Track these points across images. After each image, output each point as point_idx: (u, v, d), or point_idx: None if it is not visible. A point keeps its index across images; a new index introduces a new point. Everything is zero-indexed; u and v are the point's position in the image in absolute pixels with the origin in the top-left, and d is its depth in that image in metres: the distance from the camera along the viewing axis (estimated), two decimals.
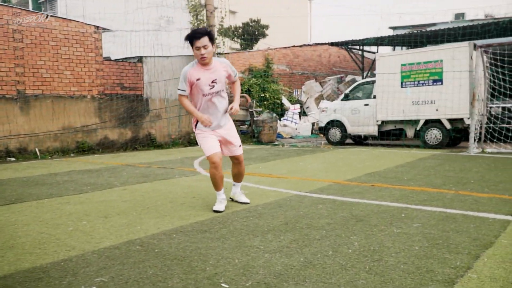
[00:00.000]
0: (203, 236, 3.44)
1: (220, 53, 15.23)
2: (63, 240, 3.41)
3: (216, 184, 4.33)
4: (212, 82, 4.12)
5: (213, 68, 4.14)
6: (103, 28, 12.78)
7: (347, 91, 13.02)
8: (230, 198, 4.76)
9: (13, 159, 10.55)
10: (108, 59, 13.41)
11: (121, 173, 7.34)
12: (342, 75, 20.14)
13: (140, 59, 13.43)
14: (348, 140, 13.07)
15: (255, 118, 14.34)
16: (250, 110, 14.78)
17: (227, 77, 4.29)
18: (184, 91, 4.18)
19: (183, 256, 2.99)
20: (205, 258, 2.94)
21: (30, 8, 25.89)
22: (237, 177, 4.64)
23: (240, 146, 4.48)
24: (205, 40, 3.98)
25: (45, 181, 6.63)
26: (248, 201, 4.65)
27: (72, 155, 11.48)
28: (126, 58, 14.01)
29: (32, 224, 3.95)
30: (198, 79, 4.09)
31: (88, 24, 12.29)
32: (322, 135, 13.95)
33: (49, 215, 4.31)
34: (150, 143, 13.31)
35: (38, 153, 11.02)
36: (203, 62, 4.07)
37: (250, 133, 14.52)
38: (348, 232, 3.47)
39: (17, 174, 7.58)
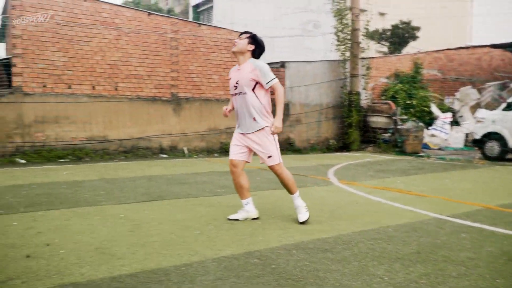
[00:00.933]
0: (324, 256, 3.23)
1: (364, 58, 14.72)
2: (189, 244, 3.52)
3: (236, 191, 4.39)
4: (236, 83, 4.12)
5: (241, 70, 4.12)
6: None
7: (511, 100, 11.43)
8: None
9: (164, 156, 11.60)
10: None
11: (255, 177, 7.48)
12: (506, 81, 17.84)
13: (282, 64, 13.67)
14: (509, 156, 11.47)
15: (399, 127, 13.52)
16: (394, 117, 13.97)
17: (255, 81, 4.06)
18: None
19: (299, 276, 2.83)
20: (321, 282, 2.74)
21: (190, 17, 28.47)
22: (284, 187, 4.36)
23: (269, 157, 4.18)
24: (242, 35, 4.19)
25: (187, 180, 7.08)
26: (301, 220, 4.23)
27: (215, 155, 12.18)
28: (269, 64, 14.38)
29: (165, 223, 4.18)
30: (229, 78, 4.28)
31: (235, 31, 12.90)
32: (476, 149, 12.48)
33: (182, 215, 4.53)
34: (289, 147, 13.45)
35: (186, 151, 11.94)
36: (232, 51, 4.23)
37: (393, 142, 13.72)
38: (494, 273, 2.92)
39: (165, 171, 8.26)
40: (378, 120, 14.35)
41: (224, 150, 12.50)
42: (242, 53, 4.15)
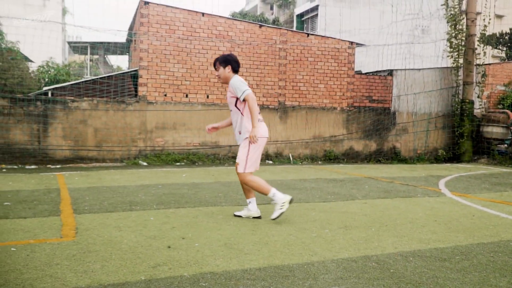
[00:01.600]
0: (442, 265, 3.26)
1: (479, 64, 13.88)
2: (308, 245, 3.75)
3: (243, 191, 4.90)
4: (229, 98, 4.67)
5: (228, 88, 4.66)
6: (357, 43, 13.29)
7: None
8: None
9: (270, 162, 12.03)
10: (359, 72, 13.86)
11: (363, 185, 7.52)
12: None
13: (390, 72, 13.43)
14: None
15: None
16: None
17: (235, 97, 4.56)
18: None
19: (418, 282, 2.91)
20: None
21: (294, 26, 28.99)
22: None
23: (238, 163, 4.60)
24: (216, 65, 4.69)
25: (296, 186, 7.36)
26: (239, 213, 4.76)
27: (319, 162, 12.34)
28: (376, 72, 14.22)
29: (282, 225, 4.47)
30: None
31: (343, 40, 12.98)
32: None
33: (297, 219, 4.79)
34: (394, 156, 13.15)
35: (291, 158, 12.26)
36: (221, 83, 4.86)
37: (510, 154, 12.73)
38: None
39: (274, 176, 8.63)
40: (493, 131, 13.43)
41: (327, 158, 12.62)
42: (228, 79, 4.64)
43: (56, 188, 6.52)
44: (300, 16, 29.26)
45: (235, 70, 4.67)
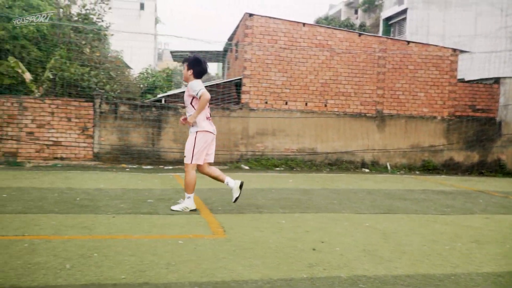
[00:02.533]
0: None
1: None
2: (445, 257, 3.87)
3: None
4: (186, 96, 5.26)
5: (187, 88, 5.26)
6: (460, 50, 12.91)
7: None
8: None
9: (367, 170, 12.05)
10: (462, 80, 13.41)
11: (476, 199, 7.37)
12: None
13: (497, 80, 12.87)
14: None
15: None
16: None
17: (191, 96, 5.17)
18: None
19: None
20: None
21: (381, 31, 28.47)
22: (184, 186, 5.44)
23: (185, 155, 5.27)
24: (184, 65, 5.36)
25: (405, 196, 7.40)
26: (174, 208, 5.32)
27: (417, 172, 12.14)
28: (480, 80, 13.68)
29: (411, 235, 4.60)
30: None
31: (446, 48, 12.68)
32: None
33: (422, 230, 4.89)
34: (499, 169, 12.55)
35: (389, 167, 12.19)
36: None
37: None
38: None
39: (377, 185, 8.71)
40: None
41: (425, 168, 12.36)
42: (188, 80, 5.25)
43: (181, 189, 7.14)
44: (387, 20, 28.69)
45: (197, 76, 5.23)
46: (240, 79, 11.93)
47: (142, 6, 47.38)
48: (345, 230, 4.70)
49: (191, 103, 5.21)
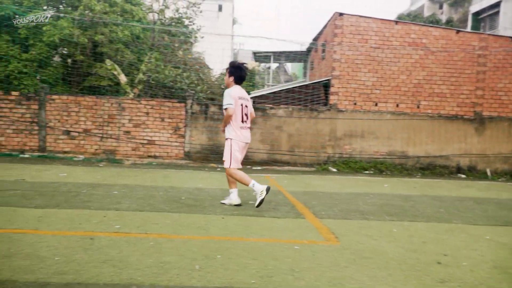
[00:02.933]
0: None
1: None
2: None
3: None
4: None
5: None
6: None
7: None
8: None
9: (463, 176, 11.33)
10: None
11: None
12: None
13: None
14: None
15: None
16: None
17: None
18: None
19: None
20: None
21: (469, 26, 26.77)
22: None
23: (224, 160, 5.67)
24: (226, 70, 5.71)
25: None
26: (223, 201, 5.73)
27: None
28: None
29: None
30: None
31: None
32: None
33: None
34: None
35: (489, 173, 11.37)
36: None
37: None
38: None
39: (483, 194, 8.12)
40: None
41: None
42: (229, 86, 5.58)
43: (277, 191, 7.12)
44: (477, 14, 26.99)
45: (237, 82, 5.56)
46: (328, 80, 11.73)
47: (220, 8, 48.58)
48: (465, 243, 4.38)
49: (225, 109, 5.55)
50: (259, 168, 10.93)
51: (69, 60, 12.79)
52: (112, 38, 12.59)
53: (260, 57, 18.55)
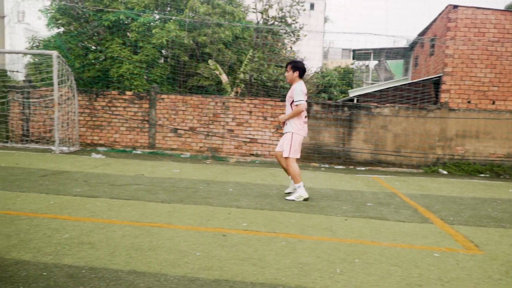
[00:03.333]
0: None
1: None
2: None
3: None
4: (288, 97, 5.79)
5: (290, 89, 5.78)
6: None
7: None
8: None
9: None
10: None
11: None
12: None
13: None
14: None
15: None
16: None
17: (290, 97, 5.71)
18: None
19: None
20: None
21: None
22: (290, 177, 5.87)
23: (283, 150, 5.79)
24: (287, 67, 5.82)
25: None
26: (290, 198, 5.68)
27: None
28: None
29: None
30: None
31: None
32: None
33: None
34: None
35: None
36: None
37: None
38: None
39: None
40: None
41: None
42: (293, 81, 5.76)
43: (391, 193, 6.79)
44: None
45: (301, 76, 5.75)
46: (439, 76, 11.02)
47: (312, 6, 48.29)
48: None
49: (290, 104, 5.74)
50: (363, 168, 10.59)
51: (172, 61, 13.39)
52: (214, 39, 12.97)
53: (359, 54, 18.02)
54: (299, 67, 5.75)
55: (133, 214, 4.44)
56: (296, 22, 11.99)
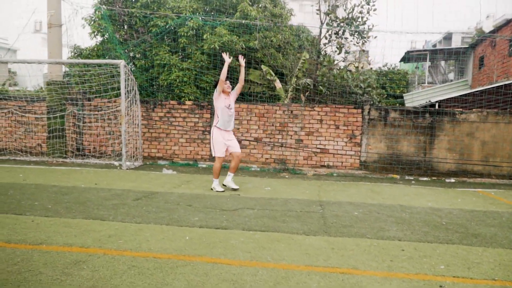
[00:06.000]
0: None
1: None
2: None
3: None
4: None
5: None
6: None
7: None
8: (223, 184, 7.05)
9: None
10: None
11: None
12: None
13: None
14: None
15: None
16: None
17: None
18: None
19: None
20: None
21: None
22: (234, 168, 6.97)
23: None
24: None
25: None
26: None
27: None
28: None
29: None
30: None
31: None
32: None
33: None
34: None
35: None
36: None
37: None
38: None
39: None
40: None
41: None
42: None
43: None
44: None
45: None
46: None
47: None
48: None
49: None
50: (452, 180, 9.71)
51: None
52: (265, 43, 12.25)
53: (413, 56, 17.14)
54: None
55: (293, 253, 3.66)
56: (365, 23, 11.17)
